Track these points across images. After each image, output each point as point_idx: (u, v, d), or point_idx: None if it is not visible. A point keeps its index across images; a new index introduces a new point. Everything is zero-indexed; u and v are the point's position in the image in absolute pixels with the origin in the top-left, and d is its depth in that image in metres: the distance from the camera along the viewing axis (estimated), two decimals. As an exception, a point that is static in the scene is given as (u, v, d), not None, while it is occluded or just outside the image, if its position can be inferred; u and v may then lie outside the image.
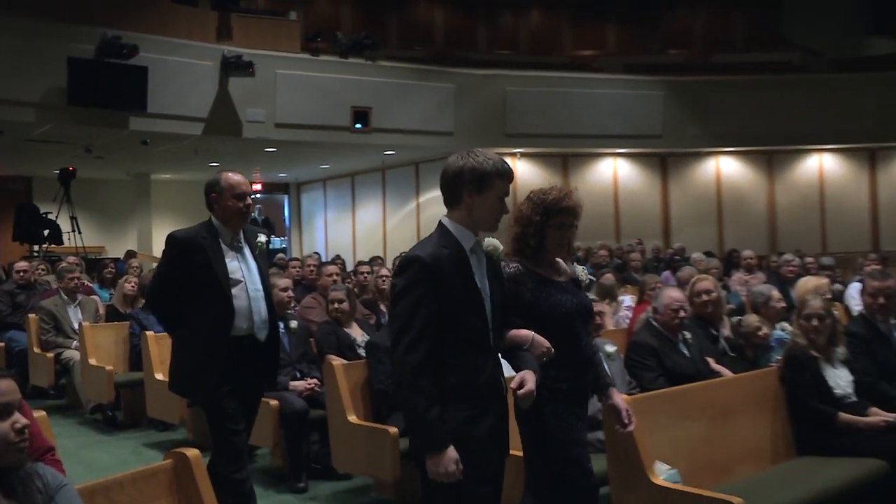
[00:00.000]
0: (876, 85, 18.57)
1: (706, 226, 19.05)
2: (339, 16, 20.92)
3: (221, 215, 4.09)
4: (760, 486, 3.92)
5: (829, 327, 4.65)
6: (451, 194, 2.97)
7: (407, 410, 2.80)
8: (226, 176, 4.11)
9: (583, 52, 21.32)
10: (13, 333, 8.76)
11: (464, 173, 2.90)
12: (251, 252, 4.15)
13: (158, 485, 2.86)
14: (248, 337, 4.01)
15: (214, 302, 3.92)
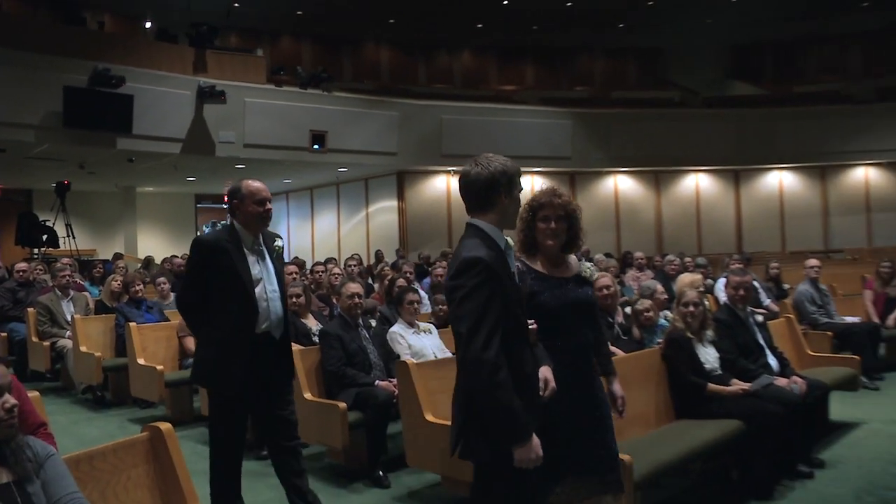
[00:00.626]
0: (736, 119, 19.21)
1: (607, 232, 19.37)
2: (300, 53, 20.79)
3: (243, 220, 3.77)
4: (647, 445, 3.98)
5: (701, 314, 4.75)
6: (486, 199, 2.60)
7: (487, 404, 2.42)
8: (246, 183, 3.78)
9: (506, 87, 21.55)
10: (14, 325, 8.58)
11: (497, 177, 2.59)
12: (269, 255, 3.88)
13: (136, 454, 2.81)
14: (264, 335, 3.72)
15: (238, 301, 3.63)
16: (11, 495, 2.20)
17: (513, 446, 2.41)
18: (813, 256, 9.50)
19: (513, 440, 2.41)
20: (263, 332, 3.70)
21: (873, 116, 18.89)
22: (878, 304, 8.43)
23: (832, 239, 19.65)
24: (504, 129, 17.54)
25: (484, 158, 2.64)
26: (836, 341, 7.43)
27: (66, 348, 7.65)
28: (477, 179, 2.60)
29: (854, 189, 19.82)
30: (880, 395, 6.90)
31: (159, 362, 6.57)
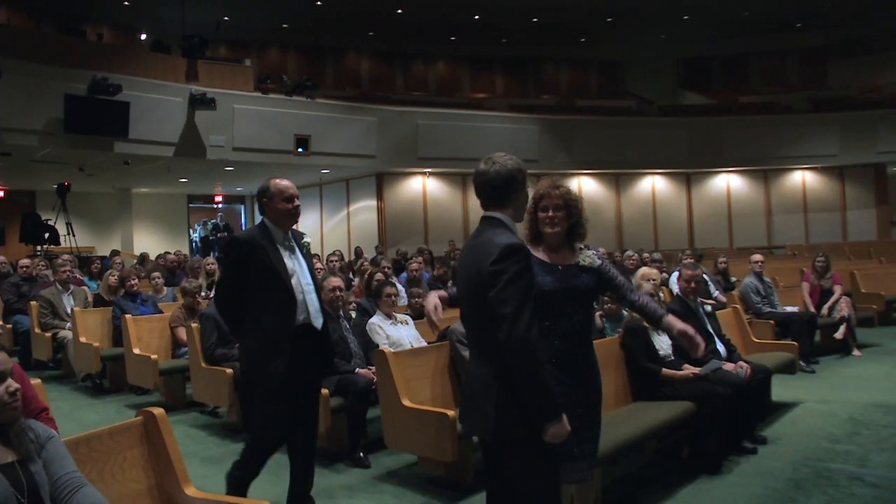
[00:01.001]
0: (688, 126, 19.45)
1: (570, 229, 19.41)
2: (286, 63, 20.66)
3: (273, 217, 3.59)
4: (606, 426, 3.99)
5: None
6: (504, 195, 2.56)
7: (529, 382, 2.33)
8: (274, 182, 3.60)
9: (477, 95, 21.57)
10: (18, 317, 8.46)
11: (515, 174, 2.57)
12: (299, 251, 3.70)
13: (131, 437, 2.78)
14: (304, 325, 3.54)
15: (277, 295, 3.47)
16: (15, 474, 2.19)
17: (548, 422, 2.35)
18: (757, 252, 9.64)
19: (550, 416, 2.35)
20: (304, 323, 3.54)
21: (809, 125, 19.24)
22: (814, 295, 8.58)
23: (774, 236, 19.97)
24: (475, 133, 17.54)
25: (499, 157, 2.61)
26: (778, 329, 7.56)
27: (67, 339, 7.56)
28: (497, 177, 2.57)
29: (793, 191, 20.14)
30: (815, 378, 7.02)
31: (153, 352, 6.50)
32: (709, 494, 4.00)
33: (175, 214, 21.49)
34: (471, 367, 2.57)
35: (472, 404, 2.51)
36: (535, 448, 2.39)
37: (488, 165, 2.61)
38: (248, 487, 3.57)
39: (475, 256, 2.47)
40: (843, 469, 4.35)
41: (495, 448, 2.50)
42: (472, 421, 2.53)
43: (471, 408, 2.53)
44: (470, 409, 2.54)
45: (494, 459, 2.56)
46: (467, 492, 4.13)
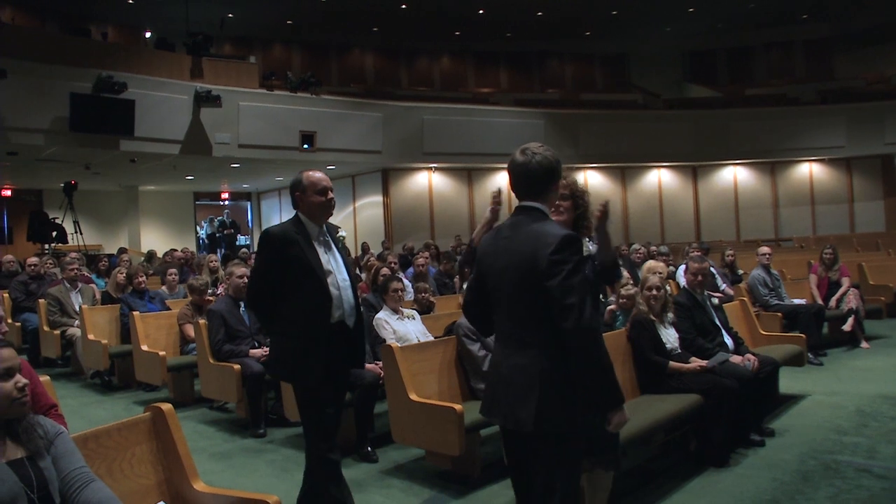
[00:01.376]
0: (694, 119, 19.34)
1: (576, 223, 19.38)
2: (290, 59, 20.68)
3: (307, 211, 3.42)
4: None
5: (662, 297, 4.77)
6: (545, 186, 2.54)
7: (596, 370, 2.31)
8: (307, 175, 3.44)
9: (482, 90, 21.52)
10: (27, 315, 8.51)
11: (556, 166, 2.56)
12: (335, 245, 3.53)
13: (139, 432, 2.79)
14: (338, 324, 3.39)
15: (312, 292, 3.31)
16: (25, 470, 2.20)
17: (614, 410, 2.36)
18: (764, 244, 9.60)
19: (615, 404, 2.36)
20: (338, 321, 3.39)
21: (816, 117, 19.11)
22: (821, 287, 8.55)
23: (781, 228, 19.87)
24: (481, 128, 17.52)
25: (537, 148, 2.57)
26: (785, 321, 7.54)
27: (75, 336, 7.60)
28: (539, 168, 2.53)
29: (800, 183, 20.04)
30: (823, 370, 7.00)
31: (161, 348, 6.53)
32: (716, 487, 3.99)
33: (182, 212, 21.55)
34: (504, 357, 2.48)
35: (509, 395, 2.44)
36: (571, 441, 2.41)
37: (528, 157, 2.54)
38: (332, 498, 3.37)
39: (524, 246, 2.41)
40: (850, 461, 4.34)
41: (528, 440, 2.44)
42: (506, 412, 2.45)
43: (505, 399, 2.45)
44: (503, 400, 2.46)
45: (521, 451, 2.53)
46: (474, 486, 4.14)
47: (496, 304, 2.53)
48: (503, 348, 2.51)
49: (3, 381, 2.21)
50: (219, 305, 5.92)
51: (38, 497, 2.19)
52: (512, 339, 2.47)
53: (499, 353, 2.53)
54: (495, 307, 2.54)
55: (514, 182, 2.57)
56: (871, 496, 3.80)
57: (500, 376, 2.49)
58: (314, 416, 3.37)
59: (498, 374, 2.50)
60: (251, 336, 5.80)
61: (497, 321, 2.55)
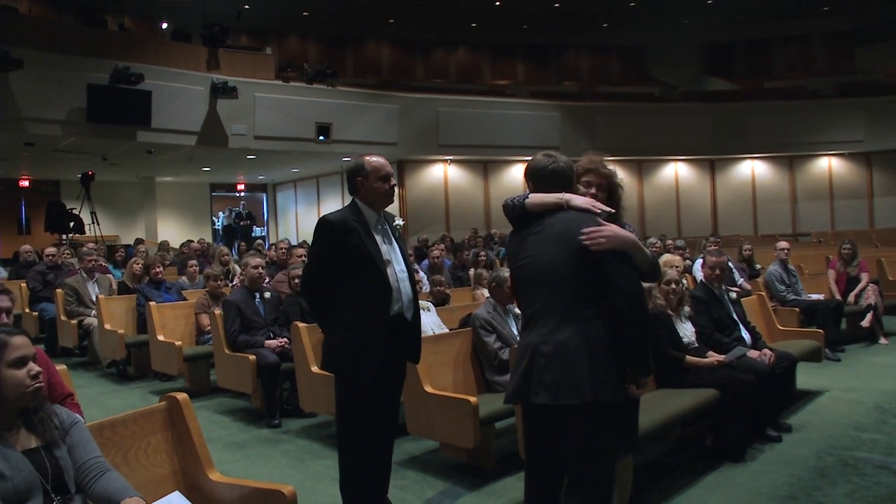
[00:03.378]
0: (712, 112, 19.17)
1: (592, 217, 19.32)
2: (307, 51, 20.69)
3: (367, 197, 3.26)
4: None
5: (679, 291, 4.73)
6: (567, 186, 2.73)
7: (646, 345, 2.60)
8: (369, 160, 3.29)
9: (499, 82, 21.44)
10: (44, 305, 8.56)
11: (572, 172, 2.77)
12: (392, 235, 3.36)
13: (154, 421, 2.80)
14: (397, 316, 3.23)
15: (371, 282, 3.15)
16: (41, 459, 2.20)
17: (645, 376, 2.66)
18: (782, 239, 9.50)
19: (649, 371, 2.68)
20: (396, 314, 3.23)
21: (835, 111, 18.88)
22: (840, 282, 8.45)
23: (799, 223, 19.69)
24: (497, 120, 17.47)
25: (557, 155, 2.77)
26: (803, 317, 7.46)
27: (92, 326, 7.65)
28: (565, 168, 2.73)
29: (819, 177, 19.83)
30: (841, 366, 6.93)
31: (178, 338, 6.56)
32: (732, 482, 3.96)
33: (198, 203, 21.65)
34: (542, 337, 2.54)
35: (556, 371, 2.50)
36: (616, 412, 2.57)
37: (550, 160, 2.73)
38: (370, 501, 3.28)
39: (568, 230, 2.55)
40: (869, 458, 4.29)
41: (571, 416, 2.50)
42: (554, 388, 2.49)
43: (550, 376, 2.50)
44: (547, 377, 2.51)
45: (550, 434, 2.59)
46: (489, 478, 4.13)
47: (533, 290, 2.62)
48: (538, 329, 2.57)
49: (16, 369, 2.21)
50: (234, 296, 5.94)
51: (53, 486, 2.20)
52: (550, 319, 2.55)
53: (533, 335, 2.58)
54: (530, 293, 2.63)
55: (537, 179, 2.75)
56: (889, 493, 3.76)
57: (541, 356, 2.52)
58: (356, 417, 3.21)
59: (538, 354, 2.53)
60: (266, 327, 5.81)
61: (530, 305, 2.63)
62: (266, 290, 6.07)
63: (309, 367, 4.99)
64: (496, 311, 4.83)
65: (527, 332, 2.63)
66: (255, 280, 5.93)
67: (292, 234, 20.86)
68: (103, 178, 17.16)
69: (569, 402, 2.46)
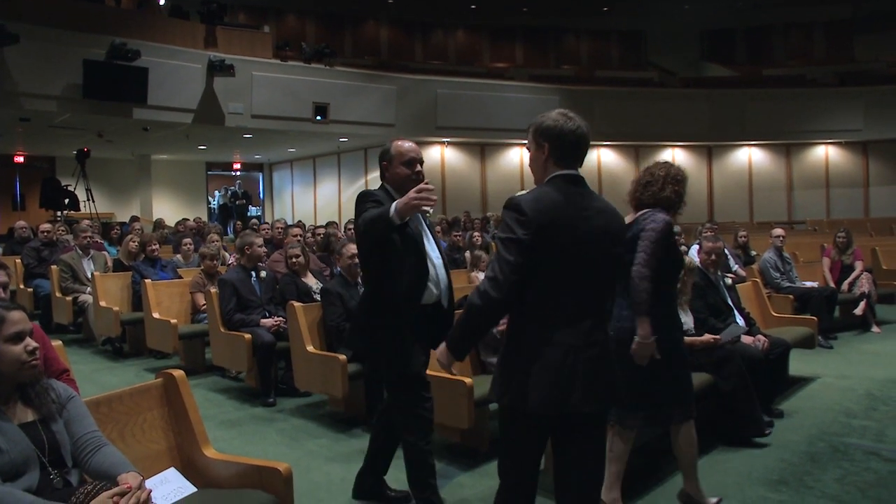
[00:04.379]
0: (710, 98, 19.12)
1: (588, 202, 19.32)
2: (305, 29, 20.53)
3: (393, 182, 3.18)
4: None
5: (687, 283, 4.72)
6: (582, 155, 2.48)
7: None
8: (396, 144, 3.21)
9: (497, 65, 21.32)
10: (39, 282, 8.55)
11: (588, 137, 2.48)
12: (423, 222, 3.24)
13: (151, 398, 2.81)
14: (435, 304, 3.17)
15: (411, 270, 3.06)
16: (37, 433, 2.22)
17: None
18: (778, 226, 9.52)
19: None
20: (435, 302, 3.17)
21: (833, 99, 18.84)
22: (834, 271, 8.49)
23: (795, 211, 19.71)
24: (495, 103, 17.38)
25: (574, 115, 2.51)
26: (797, 304, 7.49)
27: (87, 303, 7.64)
28: (585, 136, 2.47)
29: (815, 166, 19.83)
30: (833, 353, 6.97)
31: (173, 316, 6.56)
32: (724, 466, 3.99)
33: (194, 181, 21.56)
34: (586, 337, 2.28)
35: (605, 376, 2.31)
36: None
37: (577, 122, 2.46)
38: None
39: (609, 220, 2.40)
40: (859, 444, 4.33)
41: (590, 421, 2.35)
42: (604, 395, 2.32)
43: (601, 382, 2.30)
44: (599, 384, 2.29)
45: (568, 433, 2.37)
46: (483, 459, 4.16)
47: (572, 280, 2.29)
48: (577, 329, 2.28)
49: (13, 345, 2.21)
50: (230, 275, 5.93)
51: (50, 460, 2.21)
52: (587, 317, 2.30)
53: (573, 335, 2.27)
54: (569, 283, 2.29)
55: (570, 148, 2.41)
56: (878, 479, 3.80)
57: (589, 361, 2.27)
58: (415, 406, 3.15)
59: (583, 360, 2.26)
60: (262, 306, 5.82)
61: (566, 299, 2.29)
62: (262, 269, 6.08)
63: (304, 347, 4.99)
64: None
65: (566, 330, 2.27)
66: (259, 258, 5.95)
67: (288, 215, 20.80)
68: (99, 155, 17.08)
69: (609, 406, 2.42)
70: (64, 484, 2.21)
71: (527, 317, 2.31)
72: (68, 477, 2.24)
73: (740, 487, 3.70)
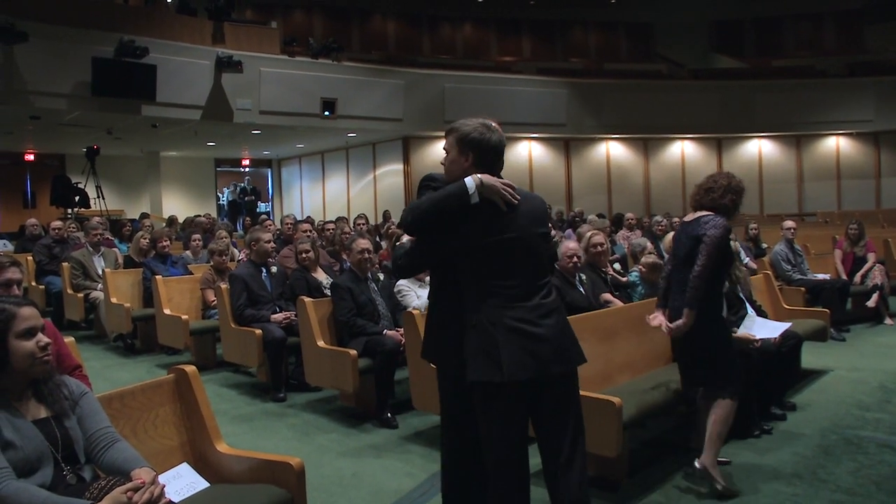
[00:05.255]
0: (720, 90, 19.01)
1: (599, 194, 19.35)
2: (312, 25, 20.52)
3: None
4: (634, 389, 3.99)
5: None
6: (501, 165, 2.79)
7: None
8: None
9: (505, 58, 21.25)
10: (51, 278, 8.59)
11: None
12: None
13: (163, 393, 2.82)
14: None
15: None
16: (51, 429, 2.22)
17: None
18: (788, 219, 9.47)
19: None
20: None
21: (844, 90, 18.70)
22: (846, 262, 8.43)
23: (806, 203, 19.60)
24: (503, 97, 17.32)
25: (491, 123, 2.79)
26: (809, 296, 7.45)
27: (98, 299, 7.67)
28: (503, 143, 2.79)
29: (826, 157, 19.70)
30: (846, 346, 6.93)
31: (184, 312, 6.57)
32: (736, 459, 3.97)
33: (203, 178, 21.63)
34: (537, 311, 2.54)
35: (564, 340, 2.58)
36: None
37: (499, 136, 2.81)
38: None
39: (537, 207, 2.73)
40: (872, 437, 4.30)
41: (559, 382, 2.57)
42: (564, 356, 2.57)
43: (561, 345, 2.56)
44: (560, 347, 2.56)
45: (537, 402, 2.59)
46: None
47: (512, 264, 2.55)
48: (527, 304, 2.53)
49: (25, 340, 2.21)
50: (241, 270, 5.95)
51: (63, 456, 2.21)
52: (533, 292, 2.56)
53: (526, 311, 2.52)
54: (509, 268, 2.54)
55: (487, 158, 2.69)
56: (893, 471, 3.77)
57: (548, 328, 2.53)
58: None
59: (544, 328, 2.52)
60: (272, 301, 5.83)
61: (508, 280, 2.53)
62: (272, 265, 6.08)
63: (315, 342, 5.00)
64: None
65: (510, 307, 2.50)
66: (267, 254, 5.95)
67: (297, 210, 20.83)
68: (108, 153, 17.15)
69: (570, 367, 2.61)
70: (77, 480, 2.21)
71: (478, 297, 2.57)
72: (81, 473, 2.25)
73: (753, 481, 3.68)
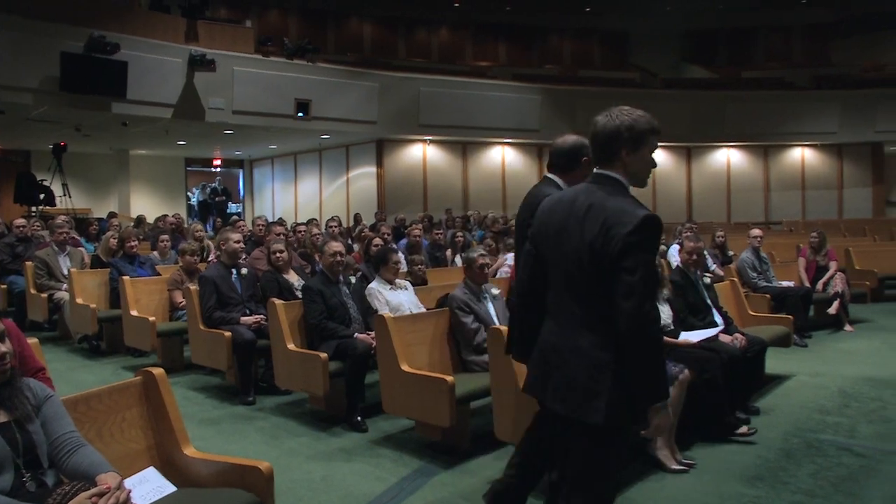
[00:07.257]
0: (690, 100, 19.26)
1: (568, 200, 19.41)
2: (287, 25, 20.43)
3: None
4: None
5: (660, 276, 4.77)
6: (608, 152, 2.41)
7: (647, 360, 2.13)
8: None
9: (480, 63, 21.36)
10: (13, 278, 8.41)
11: (621, 132, 2.41)
12: None
13: (130, 396, 2.78)
14: None
15: None
16: (11, 434, 2.18)
17: (655, 403, 2.19)
18: (755, 227, 9.63)
19: (659, 398, 2.18)
20: None
21: (811, 103, 19.11)
22: (809, 270, 8.61)
23: (772, 211, 19.96)
24: (477, 102, 17.40)
25: (621, 110, 2.47)
26: (773, 303, 7.58)
27: (63, 300, 7.54)
28: (601, 131, 2.44)
29: (792, 167, 20.09)
30: (808, 352, 7.07)
31: (151, 313, 6.49)
32: (702, 462, 4.03)
33: (172, 177, 21.35)
34: (562, 337, 2.30)
35: (567, 379, 2.25)
36: (625, 436, 2.27)
37: (601, 119, 2.49)
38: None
39: (596, 220, 2.23)
40: (832, 440, 4.40)
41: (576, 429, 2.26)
42: (564, 396, 2.26)
43: (562, 382, 2.27)
44: (559, 383, 2.28)
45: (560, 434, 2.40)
46: (463, 457, 4.16)
47: (554, 280, 2.37)
48: (560, 327, 2.32)
49: None
50: (211, 272, 5.88)
51: (25, 461, 2.17)
52: (572, 319, 2.28)
53: (554, 331, 2.34)
54: (552, 283, 2.38)
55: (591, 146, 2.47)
56: (850, 473, 3.87)
57: (557, 357, 2.30)
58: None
59: (554, 355, 2.31)
60: (242, 303, 5.78)
61: (553, 296, 2.38)
62: (243, 267, 6.03)
63: (285, 345, 4.97)
64: (471, 291, 4.83)
65: (550, 323, 2.37)
66: (235, 254, 5.89)
67: (268, 212, 20.68)
68: (76, 150, 16.87)
69: (577, 417, 2.22)
70: (39, 485, 2.18)
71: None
72: (44, 478, 2.21)
73: (717, 484, 3.74)
